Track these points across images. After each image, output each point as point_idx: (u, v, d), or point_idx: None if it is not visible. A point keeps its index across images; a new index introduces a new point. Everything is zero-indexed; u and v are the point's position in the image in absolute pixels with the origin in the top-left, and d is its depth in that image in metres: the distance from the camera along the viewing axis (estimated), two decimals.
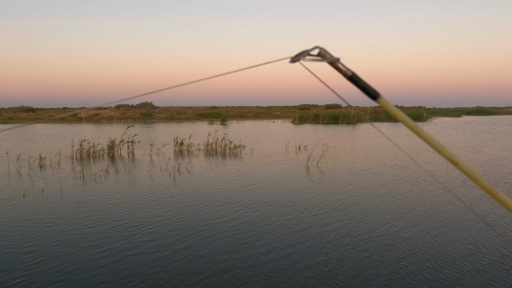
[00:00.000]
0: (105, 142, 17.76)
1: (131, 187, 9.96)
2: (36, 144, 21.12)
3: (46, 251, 5.51)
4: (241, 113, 59.10)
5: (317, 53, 0.88)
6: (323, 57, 0.88)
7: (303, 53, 0.86)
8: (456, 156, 0.92)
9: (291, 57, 0.87)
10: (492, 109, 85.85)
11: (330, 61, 0.88)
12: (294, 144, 19.74)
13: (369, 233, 6.26)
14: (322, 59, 0.88)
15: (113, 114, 47.11)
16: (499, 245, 5.70)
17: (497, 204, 7.71)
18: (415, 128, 0.91)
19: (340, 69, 0.90)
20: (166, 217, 7.15)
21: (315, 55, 0.88)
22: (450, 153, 0.91)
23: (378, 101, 0.92)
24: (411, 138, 22.41)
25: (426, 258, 5.22)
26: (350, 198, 8.52)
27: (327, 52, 0.88)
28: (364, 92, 0.91)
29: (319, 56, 0.88)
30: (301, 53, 0.86)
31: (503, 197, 0.92)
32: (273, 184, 10.08)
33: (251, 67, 0.97)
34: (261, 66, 1.00)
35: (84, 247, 5.67)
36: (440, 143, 0.91)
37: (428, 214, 7.30)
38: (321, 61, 0.88)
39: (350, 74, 0.90)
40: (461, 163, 0.91)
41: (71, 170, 12.55)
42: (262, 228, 6.50)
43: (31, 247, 5.66)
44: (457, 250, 5.51)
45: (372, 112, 53.65)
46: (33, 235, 6.21)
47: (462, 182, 10.11)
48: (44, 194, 9.10)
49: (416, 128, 0.91)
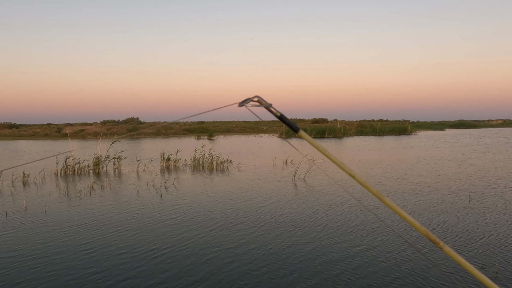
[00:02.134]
0: (90, 159, 17.56)
1: (116, 204, 9.85)
2: (19, 161, 20.74)
3: (28, 272, 5.39)
4: (228, 128, 59.18)
5: (256, 100, 1.17)
6: (260, 103, 1.17)
7: (247, 100, 1.15)
8: (353, 171, 1.24)
9: (239, 102, 1.15)
10: (474, 122, 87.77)
11: (265, 106, 1.18)
12: (281, 159, 19.84)
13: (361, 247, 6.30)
14: (260, 105, 1.17)
15: (99, 130, 46.66)
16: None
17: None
18: (325, 152, 1.22)
19: (272, 112, 1.19)
20: (152, 234, 7.08)
21: (255, 101, 1.17)
22: (349, 169, 1.23)
23: (299, 134, 1.22)
24: (382, 153, 22.68)
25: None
26: (337, 212, 8.57)
27: (263, 99, 1.17)
28: (289, 127, 1.21)
29: (258, 102, 1.17)
30: (246, 100, 1.15)
31: (388, 200, 1.20)
32: (261, 199, 10.10)
33: (207, 112, 1.36)
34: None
35: (69, 266, 5.57)
36: (341, 162, 1.23)
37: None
38: (259, 106, 1.17)
39: (279, 115, 1.19)
40: (357, 176, 1.22)
41: (56, 187, 12.36)
42: (250, 243, 6.49)
43: (12, 267, 5.54)
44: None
45: (358, 126, 54.31)
46: (15, 254, 6.08)
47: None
48: (27, 213, 8.93)
49: (326, 152, 1.23)
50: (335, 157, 1.23)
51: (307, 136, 1.21)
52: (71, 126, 53.53)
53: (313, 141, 1.21)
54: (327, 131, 43.10)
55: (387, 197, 1.23)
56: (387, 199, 1.20)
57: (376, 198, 1.23)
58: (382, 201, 1.21)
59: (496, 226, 7.33)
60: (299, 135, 1.21)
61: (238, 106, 1.15)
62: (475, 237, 6.71)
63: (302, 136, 1.20)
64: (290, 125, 1.20)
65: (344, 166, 1.22)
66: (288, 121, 1.20)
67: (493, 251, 6.04)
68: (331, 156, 1.22)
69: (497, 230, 7.11)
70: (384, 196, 1.20)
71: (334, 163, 1.22)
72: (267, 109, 1.18)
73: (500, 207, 8.82)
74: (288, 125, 1.21)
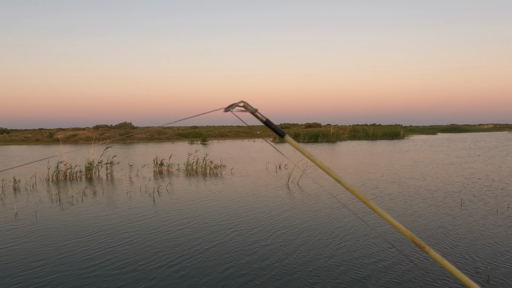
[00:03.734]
0: (82, 164, 17.44)
1: (109, 209, 9.78)
2: (13, 164, 20.52)
3: (18, 278, 5.32)
4: (222, 133, 59.12)
5: (242, 105, 1.16)
6: (246, 108, 1.17)
7: (233, 105, 1.15)
8: (339, 176, 1.25)
9: (225, 108, 1.16)
10: (465, 126, 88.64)
11: (251, 111, 1.18)
12: (274, 163, 19.85)
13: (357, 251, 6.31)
14: (246, 110, 1.17)
15: (91, 134, 46.37)
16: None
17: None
18: (311, 157, 1.24)
19: (258, 117, 1.19)
20: (145, 239, 7.04)
21: (241, 106, 1.16)
22: (334, 174, 1.25)
23: (284, 138, 1.22)
24: (377, 156, 22.82)
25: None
26: (327, 218, 8.59)
27: (248, 105, 1.17)
28: (275, 132, 1.21)
29: (244, 107, 1.17)
30: (232, 105, 1.15)
31: (373, 205, 1.21)
32: (254, 204, 10.08)
33: (194, 116, 1.37)
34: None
35: (60, 272, 5.51)
36: (327, 167, 1.24)
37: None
38: (245, 111, 1.17)
39: (265, 120, 1.19)
40: (342, 180, 1.23)
41: (47, 193, 12.24)
42: (244, 248, 6.47)
43: (0, 274, 5.46)
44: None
45: (351, 131, 54.57)
46: (4, 260, 6.00)
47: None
48: (17, 218, 8.83)
49: (311, 157, 1.24)
50: (321, 162, 1.23)
51: (293, 141, 1.21)
52: (63, 131, 53.13)
53: (298, 146, 1.21)
54: (321, 135, 43.25)
55: (373, 201, 1.22)
56: (372, 204, 1.21)
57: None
58: (368, 206, 1.21)
59: (488, 229, 7.39)
60: (285, 139, 1.22)
61: (224, 111, 1.16)
62: (468, 240, 6.76)
63: (287, 141, 1.21)
64: (275, 130, 1.21)
65: (330, 171, 1.23)
66: (274, 126, 1.21)
67: (485, 253, 6.08)
68: (316, 160, 1.22)
69: (489, 232, 7.16)
70: (369, 201, 1.21)
71: (320, 167, 1.23)
72: (252, 114, 1.18)
73: (492, 210, 8.90)
74: (274, 130, 1.20)
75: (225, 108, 1.15)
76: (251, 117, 1.23)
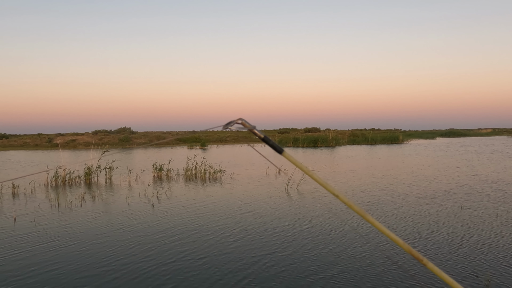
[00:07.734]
0: (81, 169, 17.41)
1: (108, 214, 9.76)
2: (9, 171, 20.49)
3: (17, 283, 5.31)
4: (221, 138, 59.13)
5: (240, 122, 1.19)
6: (244, 125, 1.19)
7: (231, 122, 1.18)
8: (336, 190, 1.24)
9: (223, 125, 1.18)
10: (464, 130, 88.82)
11: (249, 129, 1.20)
12: (274, 168, 19.85)
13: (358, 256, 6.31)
14: (244, 127, 1.19)
15: (90, 140, 46.35)
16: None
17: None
18: (309, 173, 1.24)
19: (256, 134, 1.21)
20: (144, 245, 7.02)
21: (239, 123, 1.19)
22: (332, 188, 1.24)
23: (283, 155, 1.22)
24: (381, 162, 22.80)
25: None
26: (330, 221, 8.59)
27: (246, 122, 1.20)
28: (272, 148, 1.22)
29: (242, 124, 1.19)
30: (230, 123, 1.18)
31: (371, 218, 1.22)
32: (254, 209, 10.08)
33: (193, 132, 1.40)
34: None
35: (59, 278, 5.49)
36: (325, 182, 1.24)
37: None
38: (243, 128, 1.19)
39: (263, 136, 1.22)
40: (340, 195, 1.24)
41: (46, 198, 12.22)
42: (243, 254, 6.46)
43: (0, 279, 5.45)
44: None
45: (350, 135, 54.63)
46: (2, 266, 5.99)
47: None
48: (16, 224, 8.81)
49: (309, 172, 1.24)
50: (318, 177, 1.24)
51: (291, 157, 1.22)
52: (62, 136, 53.09)
53: (296, 162, 1.22)
54: (320, 140, 43.29)
55: (370, 215, 1.24)
56: (370, 217, 1.22)
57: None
58: (366, 219, 1.22)
59: (488, 235, 7.39)
60: (283, 155, 1.23)
61: (223, 128, 1.19)
62: (467, 245, 6.76)
63: (286, 157, 1.23)
64: (273, 146, 1.22)
65: (328, 186, 1.23)
66: (272, 143, 1.22)
67: (486, 258, 6.08)
68: (314, 176, 1.23)
69: (489, 239, 7.17)
70: (367, 215, 1.22)
71: (318, 183, 1.23)
72: (251, 131, 1.21)
73: (491, 215, 8.90)
74: (272, 147, 1.22)
75: (224, 125, 1.18)
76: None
